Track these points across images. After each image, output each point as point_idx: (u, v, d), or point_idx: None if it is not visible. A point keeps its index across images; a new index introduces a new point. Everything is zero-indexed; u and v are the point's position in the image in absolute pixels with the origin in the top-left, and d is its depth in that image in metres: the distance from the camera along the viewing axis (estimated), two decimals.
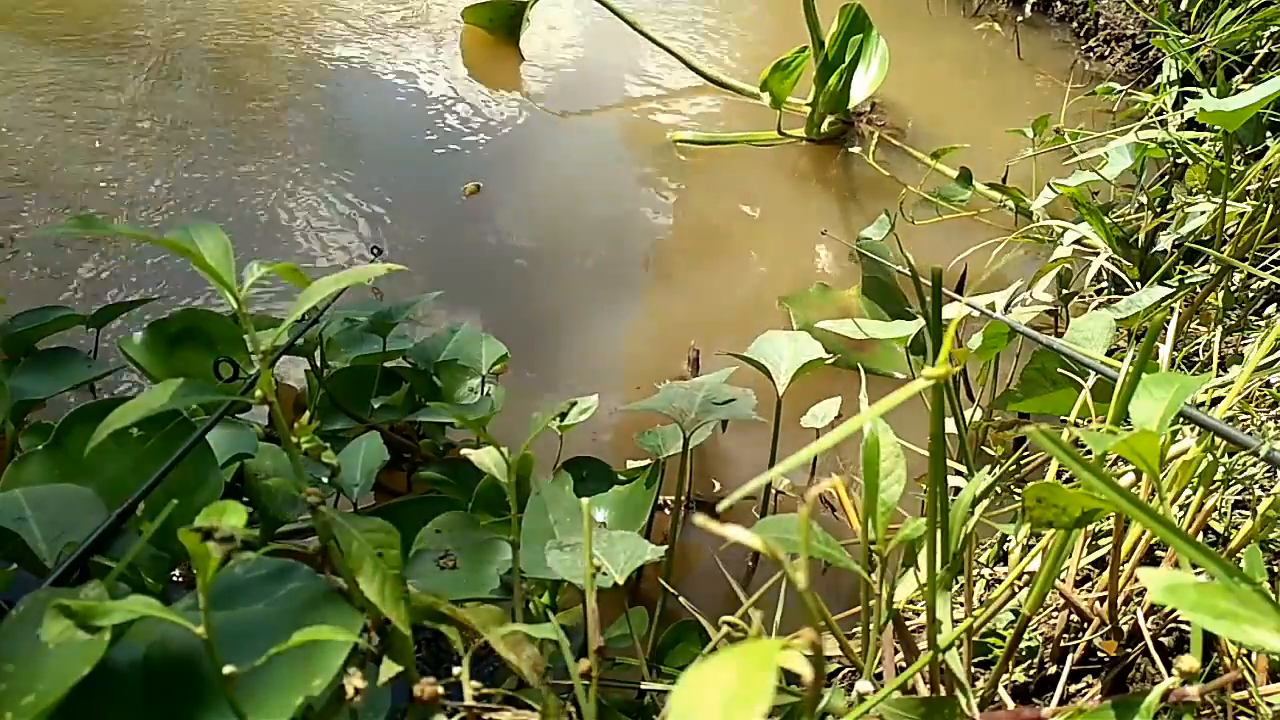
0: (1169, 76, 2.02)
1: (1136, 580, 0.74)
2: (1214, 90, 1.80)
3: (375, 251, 1.42)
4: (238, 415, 0.92)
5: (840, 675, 0.87)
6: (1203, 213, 1.44)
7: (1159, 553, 0.83)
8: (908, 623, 0.86)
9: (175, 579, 0.74)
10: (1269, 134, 1.66)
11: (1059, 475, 0.86)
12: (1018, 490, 1.08)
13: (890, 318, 1.49)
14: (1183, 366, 1.23)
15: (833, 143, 2.08)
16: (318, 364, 1.12)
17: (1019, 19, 2.54)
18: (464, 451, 0.73)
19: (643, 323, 1.61)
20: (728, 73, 2.22)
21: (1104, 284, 1.49)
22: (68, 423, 0.77)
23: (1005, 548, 0.97)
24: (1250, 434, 0.91)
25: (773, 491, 1.18)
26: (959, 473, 1.03)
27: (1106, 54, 2.46)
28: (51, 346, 1.09)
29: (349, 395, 1.14)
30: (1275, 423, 0.97)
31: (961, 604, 0.74)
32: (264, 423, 1.08)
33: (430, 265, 1.65)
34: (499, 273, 1.66)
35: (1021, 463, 1.09)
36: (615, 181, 1.96)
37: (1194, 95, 1.89)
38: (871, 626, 0.64)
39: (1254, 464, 0.84)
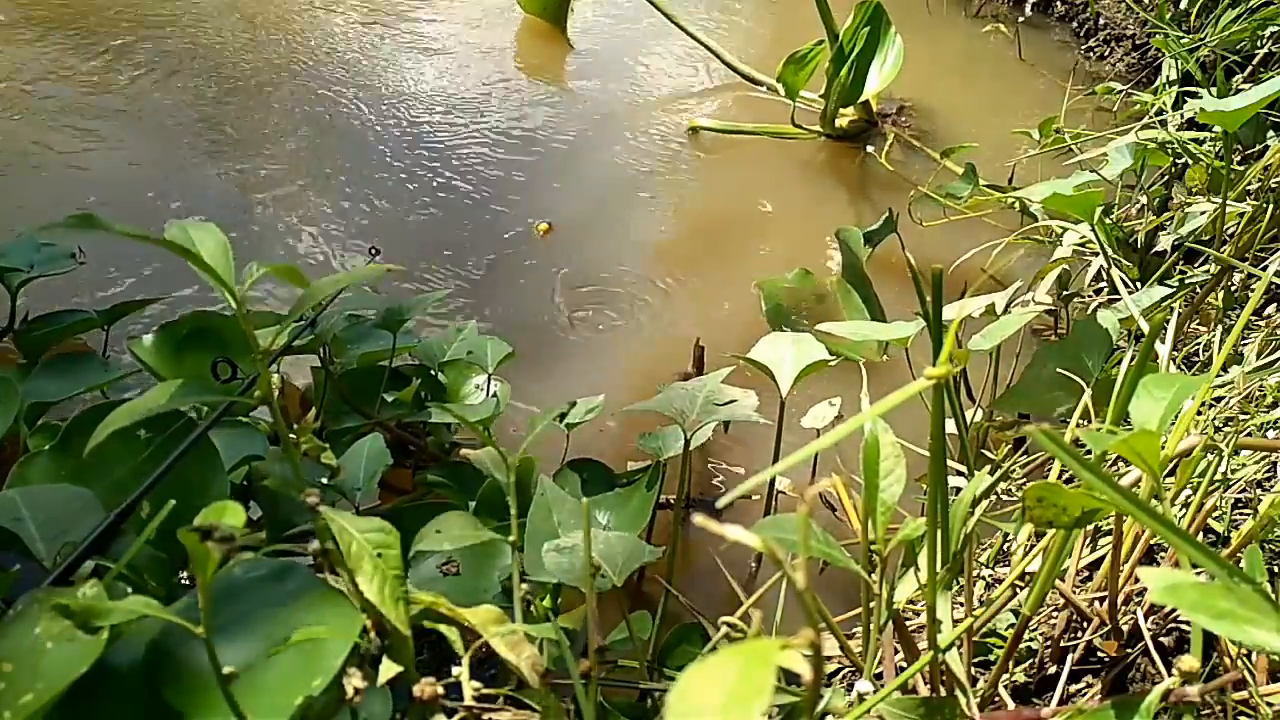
0: (1169, 76, 2.02)
1: (1136, 580, 0.74)
2: (1214, 90, 1.80)
3: (373, 252, 1.41)
4: (248, 417, 0.91)
5: (840, 675, 0.87)
6: (1203, 213, 1.43)
7: (1159, 554, 0.83)
8: (908, 623, 0.86)
9: (182, 581, 0.74)
10: (1269, 134, 1.66)
11: (1059, 475, 0.86)
12: (1016, 491, 1.08)
13: (862, 302, 1.53)
14: (1183, 366, 1.23)
15: (855, 141, 2.09)
16: (324, 361, 1.12)
17: (1020, 19, 2.54)
18: (463, 452, 0.73)
19: (649, 318, 1.60)
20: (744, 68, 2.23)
21: (1103, 284, 1.49)
22: (75, 423, 0.77)
23: (1006, 547, 0.97)
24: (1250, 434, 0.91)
25: (775, 491, 1.18)
26: (959, 473, 1.03)
27: (1106, 54, 2.45)
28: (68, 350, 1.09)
29: (357, 392, 1.13)
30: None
31: (961, 604, 0.74)
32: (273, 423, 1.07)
33: (429, 251, 1.65)
34: (501, 261, 1.66)
35: (1021, 463, 1.09)
36: (629, 170, 1.96)
37: (1194, 95, 1.88)
38: (871, 626, 0.64)
39: (1254, 463, 0.84)
